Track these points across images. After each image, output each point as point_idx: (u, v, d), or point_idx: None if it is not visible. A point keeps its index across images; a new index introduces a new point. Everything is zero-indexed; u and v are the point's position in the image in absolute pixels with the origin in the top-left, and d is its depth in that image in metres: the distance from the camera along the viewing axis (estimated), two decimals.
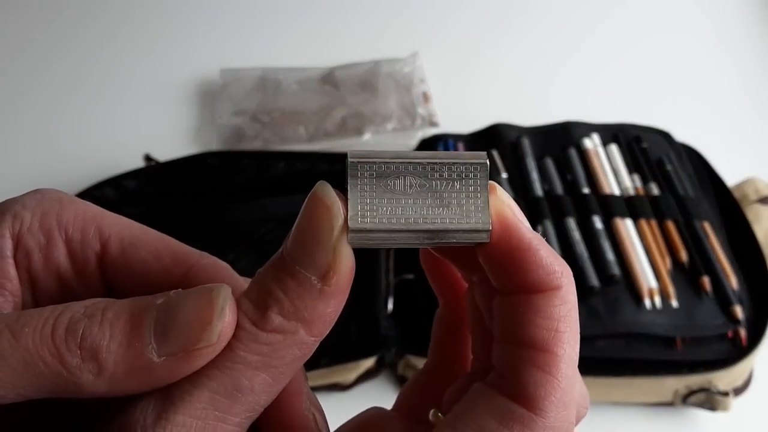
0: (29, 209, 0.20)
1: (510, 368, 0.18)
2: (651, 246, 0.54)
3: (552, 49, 0.81)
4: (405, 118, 0.72)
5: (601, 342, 0.50)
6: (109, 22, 0.84)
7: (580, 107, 0.71)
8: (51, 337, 0.16)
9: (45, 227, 0.20)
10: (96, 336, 0.17)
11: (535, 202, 0.57)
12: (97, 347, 0.17)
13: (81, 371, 0.16)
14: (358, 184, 0.18)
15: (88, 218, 0.20)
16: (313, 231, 0.17)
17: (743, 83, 0.79)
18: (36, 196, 0.20)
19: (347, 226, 0.18)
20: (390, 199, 0.18)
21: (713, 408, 0.51)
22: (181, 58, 0.79)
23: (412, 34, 0.82)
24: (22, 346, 0.16)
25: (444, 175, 0.19)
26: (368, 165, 0.18)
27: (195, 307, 0.17)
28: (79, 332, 0.17)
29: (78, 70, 0.78)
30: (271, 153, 0.66)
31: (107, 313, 0.17)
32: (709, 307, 0.51)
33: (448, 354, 0.24)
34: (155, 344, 0.17)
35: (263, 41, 0.81)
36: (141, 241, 0.21)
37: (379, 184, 0.18)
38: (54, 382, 0.16)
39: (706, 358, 0.51)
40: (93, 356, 0.16)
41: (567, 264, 0.19)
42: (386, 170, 0.18)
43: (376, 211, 0.18)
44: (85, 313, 0.17)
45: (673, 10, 0.86)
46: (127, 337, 0.17)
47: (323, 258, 0.17)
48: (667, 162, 0.60)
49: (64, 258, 0.20)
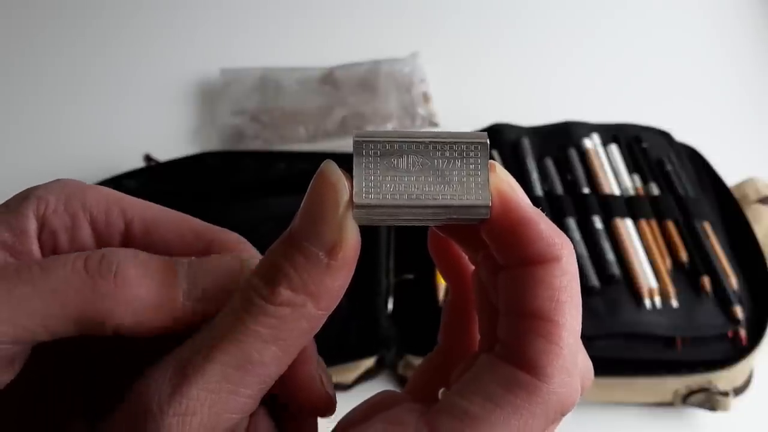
0: (54, 193, 0.20)
1: (514, 338, 0.19)
2: (651, 246, 0.54)
3: (552, 49, 0.81)
4: (405, 118, 0.72)
5: (601, 342, 0.50)
6: (109, 22, 0.84)
7: (580, 107, 0.71)
8: (84, 267, 0.18)
9: (70, 209, 0.20)
10: (131, 269, 0.18)
11: (535, 202, 0.56)
12: (132, 278, 0.18)
13: (112, 298, 0.18)
14: (362, 162, 0.19)
15: (111, 201, 0.21)
16: (319, 207, 0.18)
17: (743, 83, 0.79)
18: (59, 182, 0.21)
19: (352, 202, 0.18)
20: (394, 177, 0.19)
21: (713, 408, 0.51)
22: (182, 58, 0.79)
23: (412, 34, 0.82)
24: (52, 274, 0.17)
25: (446, 154, 0.19)
26: (372, 144, 0.19)
27: (223, 264, 0.20)
28: (114, 264, 0.18)
29: (78, 70, 0.78)
30: (271, 153, 0.66)
31: (141, 255, 0.19)
32: (709, 307, 0.51)
33: (457, 335, 0.24)
34: (186, 285, 0.19)
35: (263, 41, 0.81)
36: (162, 220, 0.21)
37: (383, 162, 0.19)
38: (82, 310, 0.17)
39: (706, 358, 0.51)
40: (127, 284, 0.18)
41: (567, 237, 0.19)
42: (390, 149, 0.19)
43: (380, 187, 0.19)
44: (122, 252, 0.18)
45: (673, 9, 0.86)
46: (161, 275, 0.19)
47: (330, 233, 0.18)
48: (667, 162, 0.60)
49: (90, 238, 0.21)
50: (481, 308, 0.22)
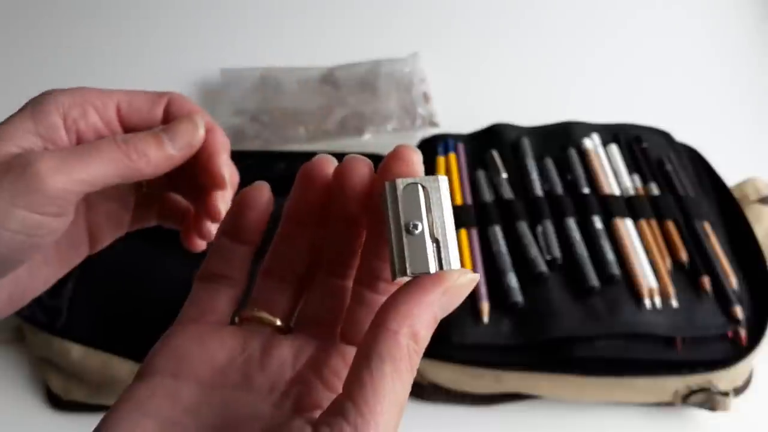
0: (64, 95, 0.30)
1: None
2: (651, 246, 0.54)
3: (552, 49, 0.81)
4: (405, 118, 0.72)
5: (601, 342, 0.50)
6: (109, 22, 0.84)
7: (580, 107, 0.71)
8: (118, 146, 0.29)
9: (80, 103, 0.30)
10: (144, 147, 0.29)
11: (536, 202, 0.57)
12: (146, 151, 0.29)
13: (139, 162, 0.29)
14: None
15: (104, 95, 0.31)
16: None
17: (743, 83, 0.79)
18: (63, 89, 0.30)
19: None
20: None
21: (713, 408, 0.51)
22: (182, 58, 0.79)
23: (413, 34, 0.82)
24: (104, 151, 0.28)
25: None
26: None
27: (187, 125, 0.31)
28: (133, 143, 0.29)
29: (78, 70, 0.78)
30: (271, 153, 0.66)
31: (145, 135, 0.30)
32: (709, 307, 0.51)
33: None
34: (171, 146, 0.30)
35: (263, 41, 0.81)
36: (136, 99, 0.32)
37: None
38: (123, 169, 0.29)
39: (706, 358, 0.51)
40: (144, 155, 0.29)
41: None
42: None
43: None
44: (134, 135, 0.30)
45: (673, 10, 0.86)
46: (157, 143, 0.30)
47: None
48: (667, 162, 0.60)
49: (99, 121, 0.30)
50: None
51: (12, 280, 0.30)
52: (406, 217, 0.22)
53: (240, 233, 0.26)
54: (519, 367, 0.51)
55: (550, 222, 0.55)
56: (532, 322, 0.51)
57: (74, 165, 0.27)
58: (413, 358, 0.21)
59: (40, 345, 0.54)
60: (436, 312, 0.21)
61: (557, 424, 0.54)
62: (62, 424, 0.54)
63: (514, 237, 0.55)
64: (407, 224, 0.22)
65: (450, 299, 0.22)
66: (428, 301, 0.21)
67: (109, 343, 0.52)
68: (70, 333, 0.52)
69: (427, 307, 0.21)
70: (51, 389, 0.54)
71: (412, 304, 0.21)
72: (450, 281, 0.21)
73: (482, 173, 0.60)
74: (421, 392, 0.54)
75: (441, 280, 0.21)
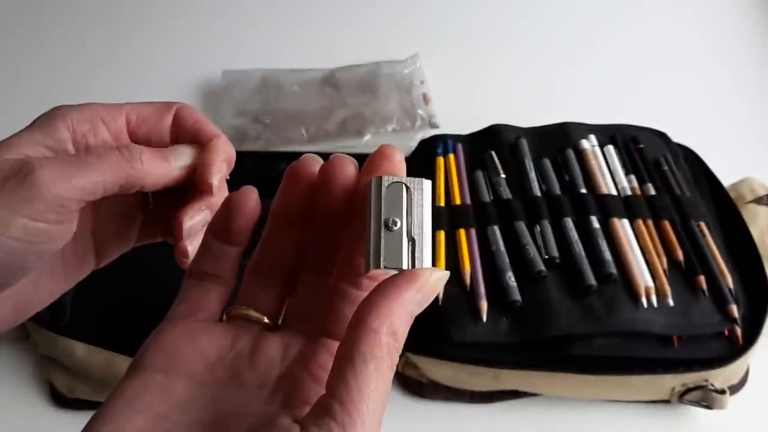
0: (73, 110, 0.30)
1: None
2: (648, 245, 0.55)
3: (550, 51, 0.82)
4: (405, 120, 0.72)
5: (598, 340, 0.51)
6: (112, 24, 0.84)
7: (577, 108, 0.71)
8: (122, 155, 0.29)
9: (89, 118, 0.31)
10: (147, 156, 0.29)
11: (534, 202, 0.57)
12: (150, 160, 0.29)
13: (141, 171, 0.29)
14: None
15: (113, 109, 0.32)
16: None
17: (739, 84, 0.79)
18: (74, 105, 0.31)
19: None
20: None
21: (709, 406, 0.51)
22: (184, 60, 0.79)
23: (413, 35, 0.82)
24: (105, 160, 0.28)
25: None
26: None
27: (187, 150, 0.32)
28: (137, 153, 0.29)
29: (81, 72, 0.79)
30: (272, 154, 0.67)
31: (148, 149, 0.30)
32: (705, 305, 0.52)
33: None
34: (174, 161, 0.31)
35: (265, 43, 0.81)
36: (144, 111, 0.33)
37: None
38: (124, 179, 0.28)
39: (702, 356, 0.51)
40: (146, 165, 0.29)
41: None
42: None
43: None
44: (138, 147, 0.30)
45: (670, 11, 0.86)
46: (160, 158, 0.30)
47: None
48: (663, 162, 0.61)
49: (107, 135, 0.31)
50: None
51: (16, 292, 0.30)
52: (386, 213, 0.23)
53: (227, 235, 0.27)
54: (517, 365, 0.52)
55: (548, 222, 0.56)
56: (530, 320, 0.51)
57: (74, 172, 0.27)
58: (393, 356, 0.21)
59: (44, 343, 0.54)
60: (412, 309, 0.22)
61: (555, 422, 0.55)
62: (66, 422, 0.54)
63: (513, 237, 0.55)
64: (387, 220, 0.22)
65: (424, 296, 0.22)
66: (405, 299, 0.22)
67: (112, 341, 0.53)
68: (73, 331, 0.53)
69: (404, 305, 0.22)
70: (55, 387, 0.55)
71: (391, 303, 0.21)
72: (423, 278, 0.22)
73: (481, 173, 0.60)
74: (421, 390, 0.55)
75: (415, 277, 0.22)
